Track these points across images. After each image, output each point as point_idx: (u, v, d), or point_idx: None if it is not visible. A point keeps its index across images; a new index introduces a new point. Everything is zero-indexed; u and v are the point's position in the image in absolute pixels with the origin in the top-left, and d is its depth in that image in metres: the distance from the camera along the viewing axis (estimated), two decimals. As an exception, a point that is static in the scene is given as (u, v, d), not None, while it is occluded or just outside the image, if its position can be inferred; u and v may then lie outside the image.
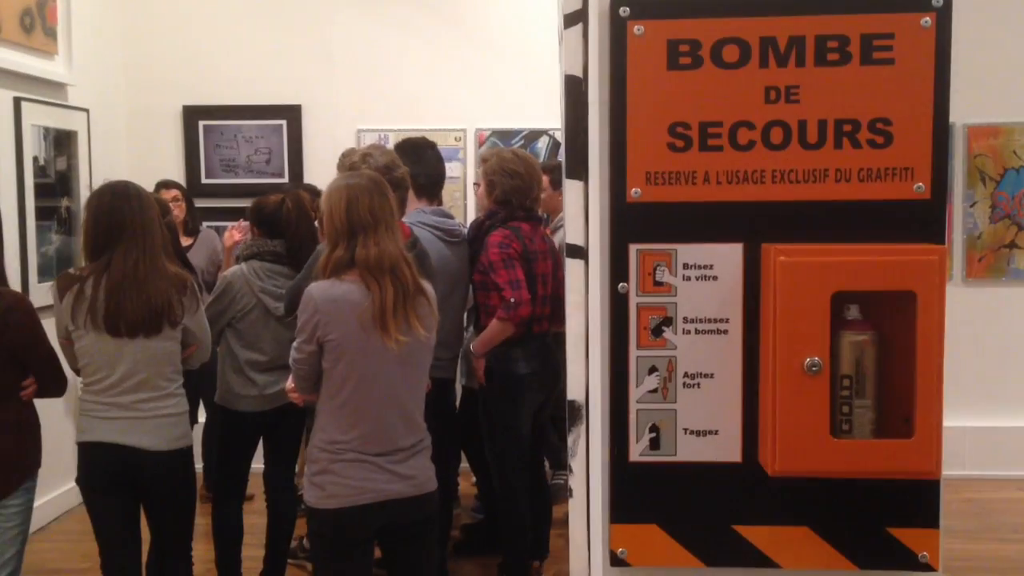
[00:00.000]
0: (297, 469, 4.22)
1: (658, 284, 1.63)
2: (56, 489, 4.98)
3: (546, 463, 4.60)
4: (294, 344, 2.70)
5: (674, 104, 1.62)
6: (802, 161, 1.60)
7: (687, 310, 1.62)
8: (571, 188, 1.80)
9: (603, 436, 1.66)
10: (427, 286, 2.75)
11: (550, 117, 5.60)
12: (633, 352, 1.63)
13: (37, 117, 4.90)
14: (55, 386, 3.06)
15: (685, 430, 1.62)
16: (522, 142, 5.77)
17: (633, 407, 1.63)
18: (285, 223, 3.80)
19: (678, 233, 1.62)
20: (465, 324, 4.19)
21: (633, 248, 1.63)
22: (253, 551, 3.97)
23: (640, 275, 1.63)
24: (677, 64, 1.61)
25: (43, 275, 4.90)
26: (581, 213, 1.77)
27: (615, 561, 1.65)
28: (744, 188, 1.61)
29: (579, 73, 1.75)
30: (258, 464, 3.97)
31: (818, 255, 1.52)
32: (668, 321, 1.63)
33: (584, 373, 1.76)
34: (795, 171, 1.60)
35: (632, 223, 1.63)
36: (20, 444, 2.97)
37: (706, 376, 1.62)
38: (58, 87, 5.14)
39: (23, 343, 2.92)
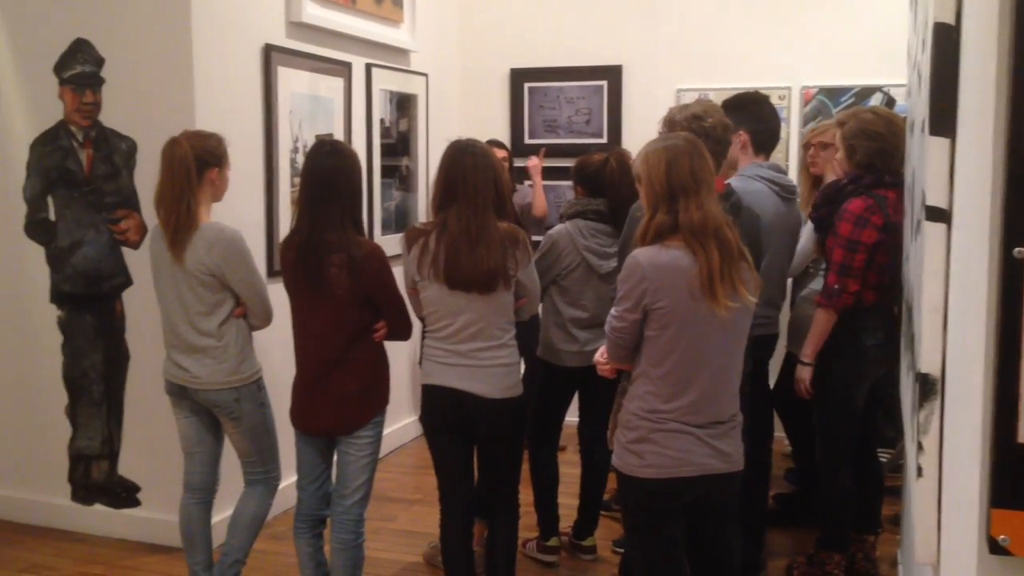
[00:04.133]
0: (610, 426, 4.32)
1: (1066, 249, 1.45)
2: (392, 425, 5.45)
3: None
4: (613, 312, 2.65)
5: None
6: None
7: (1101, 279, 1.44)
8: (935, 146, 1.66)
9: (983, 414, 1.52)
10: (745, 249, 2.67)
11: (884, 72, 5.24)
12: (1029, 325, 1.48)
13: (384, 82, 5.32)
14: (402, 330, 3.26)
15: (1088, 415, 1.45)
16: (852, 100, 5.42)
17: (1025, 386, 1.48)
18: (608, 182, 3.85)
19: (1092, 192, 1.44)
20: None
21: (1034, 209, 1.47)
22: (567, 499, 4.14)
23: (1042, 239, 1.46)
24: (1098, 0, 1.42)
25: (385, 228, 5.36)
26: (946, 173, 1.63)
27: (995, 548, 1.52)
28: None
29: (951, 20, 1.61)
30: (572, 417, 4.12)
31: None
32: (1074, 291, 1.45)
33: (941, 345, 1.63)
34: None
35: (1033, 181, 1.47)
36: (374, 381, 3.22)
37: (1123, 357, 1.43)
38: (403, 53, 5.52)
39: (377, 288, 3.14)
